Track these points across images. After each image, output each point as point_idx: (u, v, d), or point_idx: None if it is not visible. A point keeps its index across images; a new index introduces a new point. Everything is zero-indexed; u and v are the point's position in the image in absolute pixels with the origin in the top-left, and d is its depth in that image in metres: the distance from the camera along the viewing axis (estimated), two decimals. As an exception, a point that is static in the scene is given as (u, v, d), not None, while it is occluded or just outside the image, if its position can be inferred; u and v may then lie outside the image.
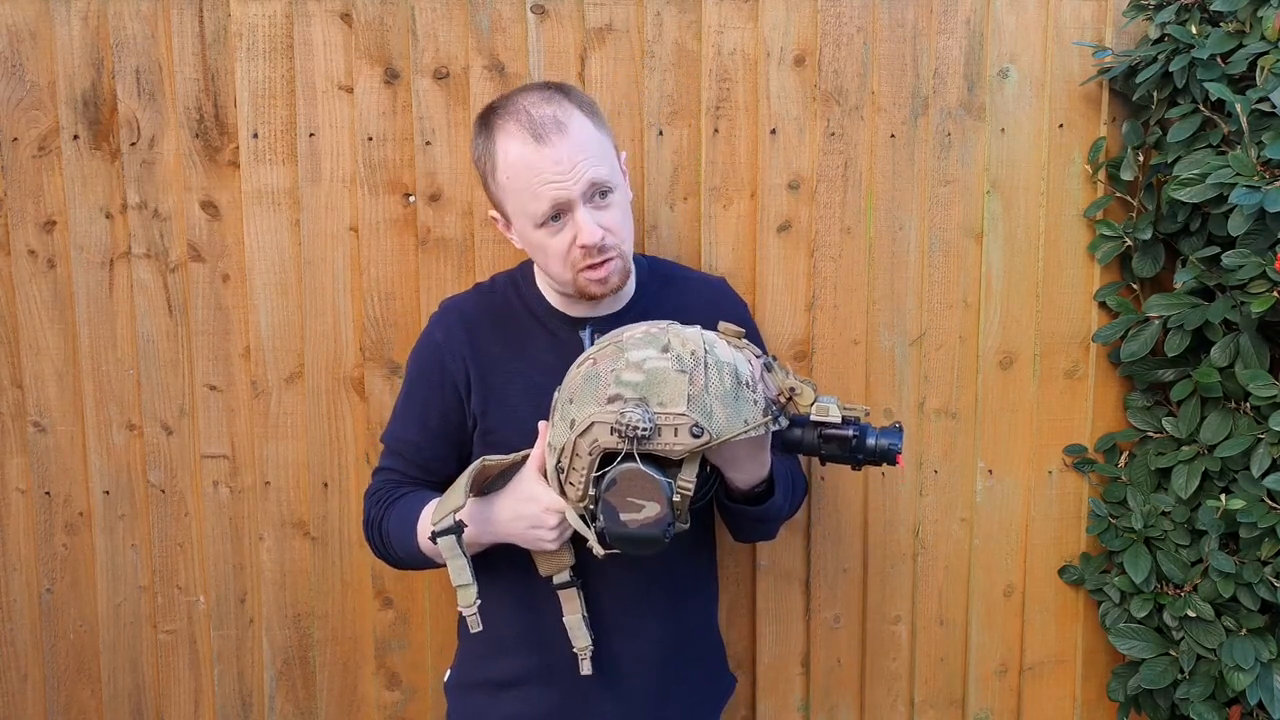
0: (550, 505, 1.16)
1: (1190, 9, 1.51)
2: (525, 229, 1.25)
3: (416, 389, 1.35)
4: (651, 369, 1.07)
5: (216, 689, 1.66)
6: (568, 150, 1.19)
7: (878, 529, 1.69)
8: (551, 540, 1.18)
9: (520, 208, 1.23)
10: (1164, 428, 1.60)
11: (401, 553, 1.30)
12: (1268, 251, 1.38)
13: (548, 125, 1.19)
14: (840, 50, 1.59)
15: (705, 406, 1.05)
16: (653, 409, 1.04)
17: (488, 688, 1.35)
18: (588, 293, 1.26)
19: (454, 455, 1.34)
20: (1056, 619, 1.73)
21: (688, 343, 1.09)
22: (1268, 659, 1.45)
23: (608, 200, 1.23)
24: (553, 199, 1.19)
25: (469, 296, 1.41)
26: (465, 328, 1.34)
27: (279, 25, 1.54)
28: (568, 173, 1.19)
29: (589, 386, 1.09)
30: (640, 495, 1.06)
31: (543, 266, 1.29)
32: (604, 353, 1.12)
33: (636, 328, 1.14)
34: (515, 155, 1.21)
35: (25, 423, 1.59)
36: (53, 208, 1.55)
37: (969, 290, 1.66)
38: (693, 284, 1.44)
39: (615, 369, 1.08)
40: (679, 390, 1.05)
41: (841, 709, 1.73)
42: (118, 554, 1.62)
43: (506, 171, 1.22)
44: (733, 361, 1.09)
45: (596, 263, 1.22)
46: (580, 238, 1.20)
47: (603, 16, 1.56)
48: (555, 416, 1.13)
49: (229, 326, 1.59)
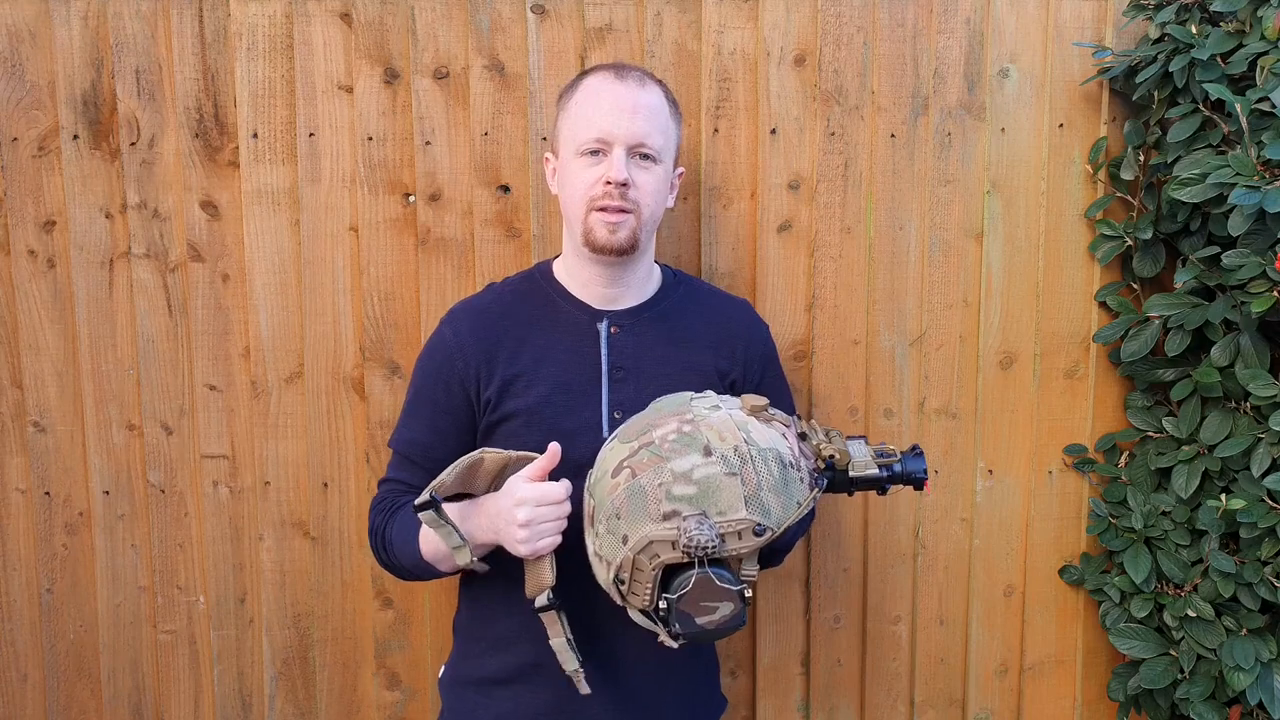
0: (523, 495, 1.14)
1: (1190, 9, 1.51)
2: (567, 160, 1.29)
3: (425, 390, 1.34)
4: (702, 478, 1.05)
5: (216, 689, 1.66)
6: (636, 98, 1.27)
7: (878, 529, 1.69)
8: (521, 540, 1.14)
9: (573, 132, 1.28)
10: (1164, 428, 1.60)
11: (404, 560, 1.29)
12: (1268, 251, 1.38)
13: (632, 74, 1.29)
14: (840, 50, 1.59)
15: (761, 503, 1.05)
16: (713, 519, 1.04)
17: (481, 685, 1.35)
18: (593, 237, 1.27)
19: (465, 451, 1.32)
20: (1056, 619, 1.73)
21: (726, 437, 1.08)
22: (1268, 659, 1.45)
23: (649, 167, 1.28)
24: (602, 128, 1.25)
25: (481, 295, 1.41)
26: (476, 324, 1.34)
27: (279, 25, 1.54)
28: (625, 111, 1.25)
29: (636, 503, 1.06)
30: (713, 599, 1.05)
31: (565, 204, 1.32)
32: (640, 462, 1.09)
33: (664, 425, 1.11)
34: (595, 81, 1.29)
35: (25, 423, 1.59)
36: (53, 208, 1.55)
37: (969, 290, 1.66)
38: (716, 300, 1.44)
39: (662, 483, 1.06)
40: (735, 495, 1.04)
41: (841, 709, 1.73)
42: (117, 554, 1.62)
43: (580, 96, 1.29)
44: (773, 445, 1.09)
45: (613, 207, 1.25)
46: (608, 173, 1.24)
47: (603, 16, 1.56)
48: (600, 527, 1.10)
49: (229, 326, 1.59)
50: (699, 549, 1.02)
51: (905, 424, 1.67)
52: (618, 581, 1.09)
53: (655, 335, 1.34)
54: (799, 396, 1.65)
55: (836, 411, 1.65)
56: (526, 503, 1.14)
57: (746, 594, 1.06)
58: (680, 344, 1.35)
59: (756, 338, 1.43)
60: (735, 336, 1.40)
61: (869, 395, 1.66)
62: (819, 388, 1.65)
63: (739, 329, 1.41)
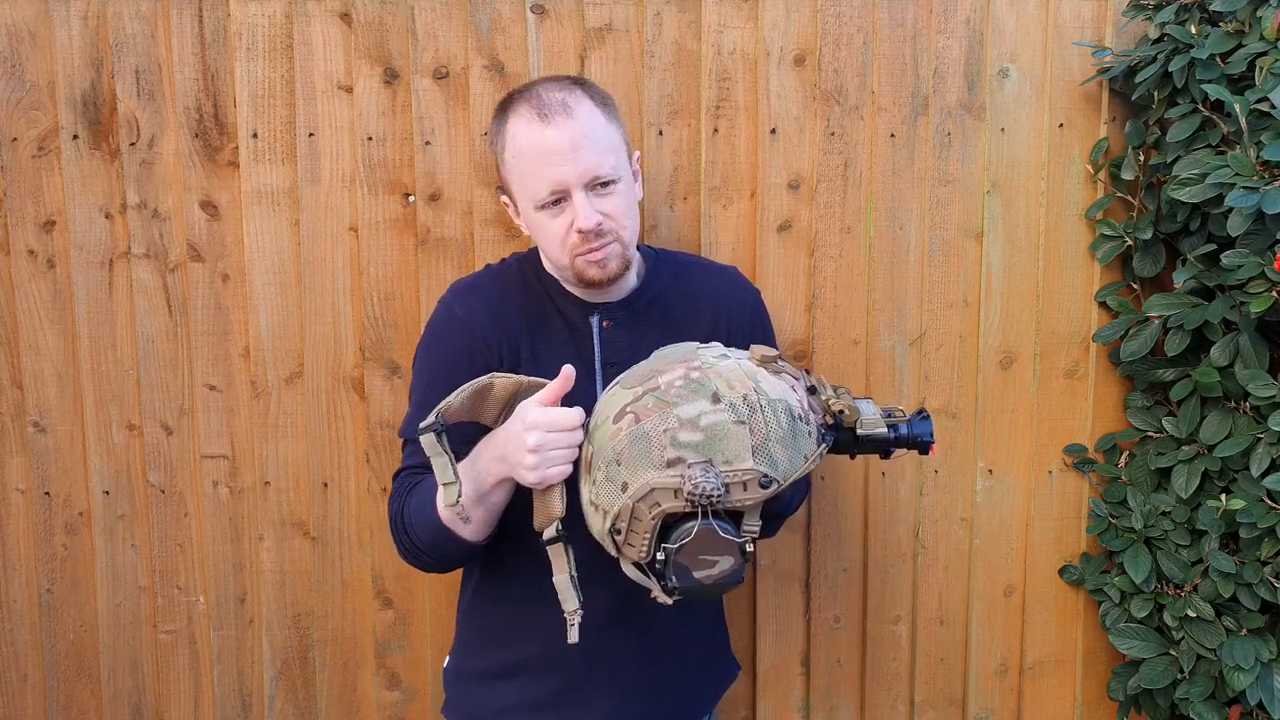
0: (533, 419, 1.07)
1: (1190, 9, 1.51)
2: (528, 211, 1.25)
3: (441, 370, 1.28)
4: (709, 425, 1.02)
5: (216, 689, 1.66)
6: (570, 135, 1.20)
7: (878, 529, 1.69)
8: (530, 466, 1.08)
9: (523, 189, 1.24)
10: (1164, 428, 1.60)
11: (423, 534, 1.22)
12: (1267, 251, 1.38)
13: (555, 108, 1.21)
14: (840, 50, 1.59)
15: (769, 454, 1.02)
16: (719, 468, 1.00)
17: (485, 677, 1.34)
18: (585, 276, 1.25)
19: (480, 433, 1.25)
20: (1056, 619, 1.73)
21: (735, 385, 1.04)
22: (1268, 659, 1.45)
23: (612, 189, 1.24)
24: (552, 180, 1.20)
25: (483, 275, 1.39)
26: (485, 303, 1.31)
27: (279, 25, 1.54)
28: (568, 155, 1.19)
29: (639, 448, 1.03)
30: (712, 552, 1.02)
31: (544, 250, 1.30)
32: (644, 407, 1.05)
33: (671, 371, 1.08)
34: (522, 135, 1.22)
35: (25, 423, 1.59)
36: (52, 208, 1.55)
37: (969, 290, 1.66)
38: (703, 271, 1.43)
39: (668, 428, 1.02)
40: (742, 444, 1.01)
41: (841, 709, 1.73)
42: (118, 554, 1.62)
43: (513, 151, 1.24)
44: (782, 397, 1.06)
45: (594, 247, 1.22)
46: (577, 222, 1.20)
47: (602, 16, 1.56)
48: (598, 474, 1.06)
49: (229, 326, 1.59)
50: (704, 497, 0.99)
51: (905, 424, 1.67)
52: (613, 531, 1.05)
53: (648, 325, 1.33)
54: (799, 396, 1.65)
55: (836, 411, 1.65)
56: (537, 427, 1.08)
57: (748, 548, 1.02)
58: (674, 329, 1.33)
59: (746, 302, 1.41)
60: (723, 303, 1.38)
61: (869, 395, 1.66)
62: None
63: (726, 295, 1.40)
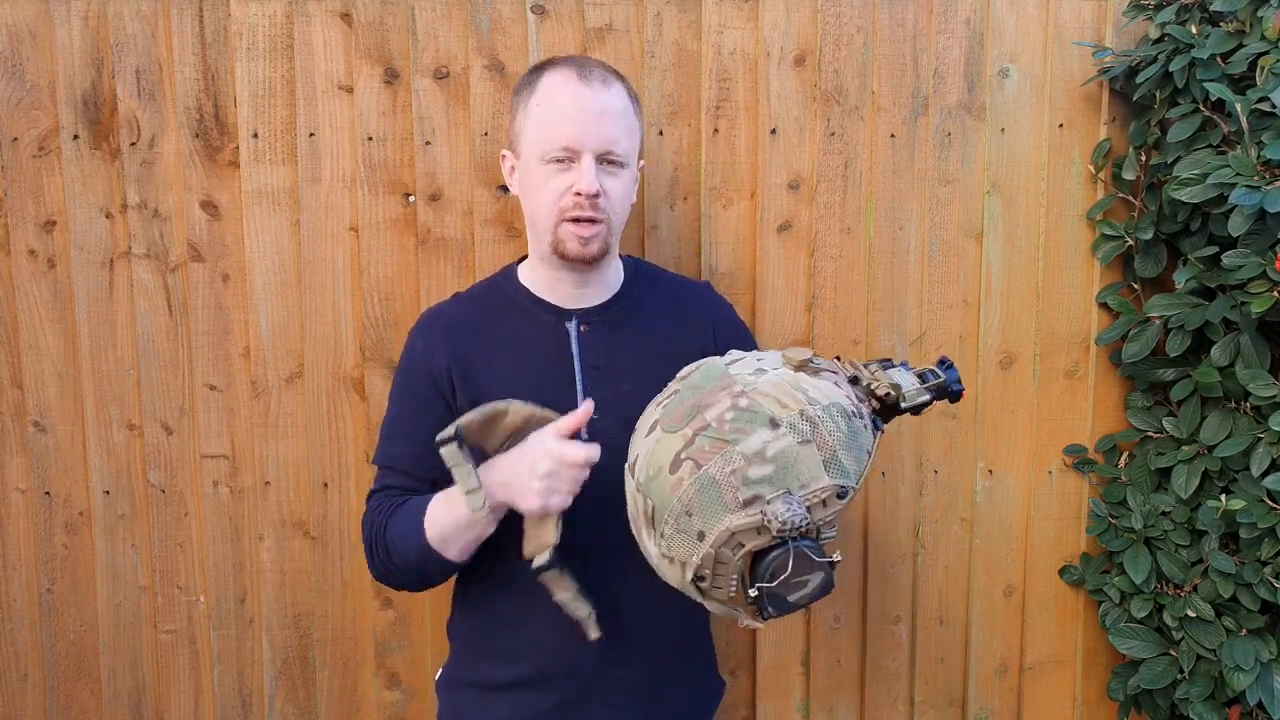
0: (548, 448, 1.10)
1: (1190, 9, 1.51)
2: (530, 162, 1.25)
3: (407, 406, 1.32)
4: (777, 453, 0.98)
5: (216, 689, 1.66)
6: (602, 102, 1.23)
7: (878, 529, 1.69)
8: (538, 490, 1.10)
9: (537, 136, 1.24)
10: (1164, 428, 1.60)
11: (406, 557, 1.23)
12: (1268, 251, 1.38)
13: (596, 76, 1.24)
14: (840, 50, 1.59)
15: (840, 464, 1.00)
16: (798, 495, 0.98)
17: (478, 689, 1.34)
18: (564, 248, 1.24)
19: None
20: (1056, 619, 1.73)
21: (787, 403, 1.01)
22: (1268, 659, 1.45)
23: (617, 173, 1.25)
24: (569, 136, 1.21)
25: (448, 303, 1.39)
26: (445, 331, 1.32)
27: (279, 25, 1.54)
28: (593, 118, 1.22)
29: (708, 495, 0.99)
30: (804, 573, 1.00)
31: (530, 211, 1.28)
32: (701, 450, 1.00)
33: (716, 403, 1.03)
34: (558, 86, 1.23)
35: (25, 423, 1.59)
36: (53, 208, 1.55)
37: (969, 290, 1.66)
38: (677, 286, 1.43)
39: (735, 469, 0.98)
40: (814, 463, 0.99)
41: (841, 709, 1.73)
42: (118, 554, 1.62)
43: (541, 99, 1.24)
44: (834, 400, 1.03)
45: (584, 218, 1.22)
46: (578, 184, 1.21)
47: (603, 16, 1.56)
48: (666, 528, 1.02)
49: (229, 326, 1.59)
50: (794, 530, 0.97)
51: (905, 424, 1.67)
52: (697, 580, 1.02)
53: (626, 329, 1.33)
54: (799, 396, 1.65)
55: (836, 411, 1.65)
56: (552, 455, 1.10)
57: (836, 558, 1.01)
58: (651, 333, 1.33)
59: (721, 311, 1.43)
60: (703, 313, 1.39)
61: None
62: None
63: (704, 307, 1.41)
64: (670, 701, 1.36)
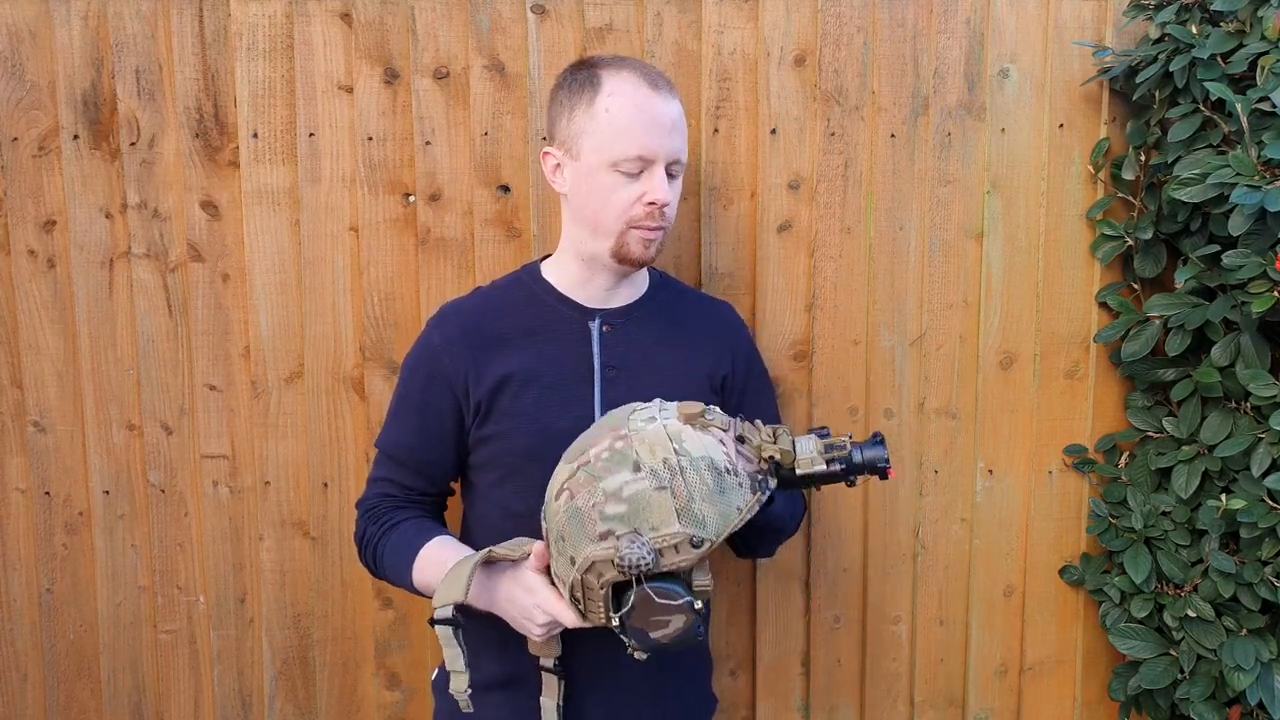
0: (543, 604, 1.14)
1: (1190, 9, 1.51)
2: (595, 168, 1.24)
3: (413, 394, 1.33)
4: (631, 495, 1.04)
5: (216, 689, 1.66)
6: (675, 113, 1.25)
7: (878, 529, 1.69)
8: (538, 634, 1.17)
9: (605, 144, 1.22)
10: (1164, 428, 1.60)
11: (392, 579, 1.30)
12: (1268, 251, 1.38)
13: (664, 84, 1.26)
14: (840, 50, 1.59)
15: (695, 515, 1.03)
16: (647, 537, 1.03)
17: (474, 688, 1.32)
18: (628, 253, 1.26)
19: (452, 458, 1.34)
20: (1056, 619, 1.73)
21: (656, 449, 1.06)
22: (1268, 659, 1.45)
23: (676, 180, 1.28)
24: (646, 146, 1.22)
25: (469, 298, 1.39)
26: (463, 328, 1.32)
27: (279, 25, 1.54)
28: (668, 129, 1.23)
29: (575, 524, 1.07)
30: (663, 614, 1.05)
31: (591, 215, 1.27)
32: (578, 482, 1.08)
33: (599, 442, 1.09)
34: (630, 94, 1.22)
35: (25, 423, 1.59)
36: (53, 207, 1.55)
37: (969, 290, 1.66)
38: (702, 301, 1.45)
39: (595, 502, 1.05)
40: (666, 509, 1.03)
41: (841, 709, 1.73)
42: (118, 554, 1.62)
43: (611, 103, 1.22)
44: (706, 453, 1.06)
45: (652, 226, 1.25)
46: (653, 194, 1.23)
47: (603, 16, 1.56)
48: (553, 549, 1.11)
49: (229, 326, 1.59)
50: (633, 568, 1.02)
51: (905, 424, 1.67)
52: (575, 600, 1.10)
53: (647, 333, 1.34)
54: (799, 396, 1.65)
55: (836, 411, 1.65)
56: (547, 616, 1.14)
57: (697, 606, 1.04)
58: (672, 342, 1.35)
59: (742, 337, 1.45)
60: (723, 335, 1.41)
61: (869, 395, 1.66)
62: (819, 388, 1.65)
63: (726, 328, 1.43)
64: (667, 704, 1.36)
